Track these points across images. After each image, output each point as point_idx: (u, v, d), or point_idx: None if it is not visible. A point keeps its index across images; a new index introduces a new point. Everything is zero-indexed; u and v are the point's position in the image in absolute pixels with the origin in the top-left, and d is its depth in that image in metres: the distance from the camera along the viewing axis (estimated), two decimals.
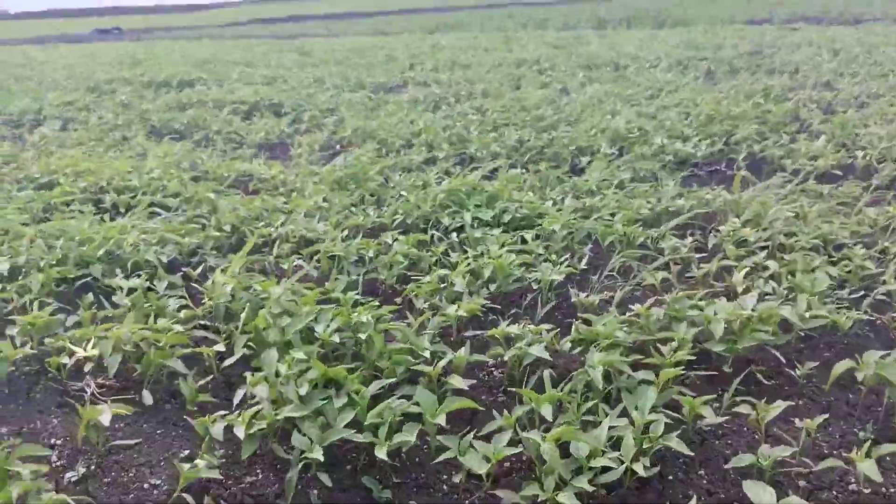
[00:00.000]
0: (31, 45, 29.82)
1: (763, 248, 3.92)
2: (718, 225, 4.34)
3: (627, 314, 3.02)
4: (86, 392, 2.86)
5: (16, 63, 18.40)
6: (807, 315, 2.88)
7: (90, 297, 3.49)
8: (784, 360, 2.87)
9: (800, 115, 7.47)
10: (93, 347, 2.88)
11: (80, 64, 16.92)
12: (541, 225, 4.31)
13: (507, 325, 2.91)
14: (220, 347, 2.94)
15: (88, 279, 3.75)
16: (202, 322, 3.34)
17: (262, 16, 49.36)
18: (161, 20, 55.40)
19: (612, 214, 4.50)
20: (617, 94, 8.97)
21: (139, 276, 3.68)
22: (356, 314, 2.95)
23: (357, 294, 3.45)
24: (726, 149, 6.28)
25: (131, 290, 3.45)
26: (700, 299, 3.08)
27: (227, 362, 2.94)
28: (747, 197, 4.60)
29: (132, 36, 37.01)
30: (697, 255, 3.90)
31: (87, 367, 2.94)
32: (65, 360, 2.89)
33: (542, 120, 7.56)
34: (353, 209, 4.92)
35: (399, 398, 2.47)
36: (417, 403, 2.43)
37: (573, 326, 2.93)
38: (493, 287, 3.57)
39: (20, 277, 3.67)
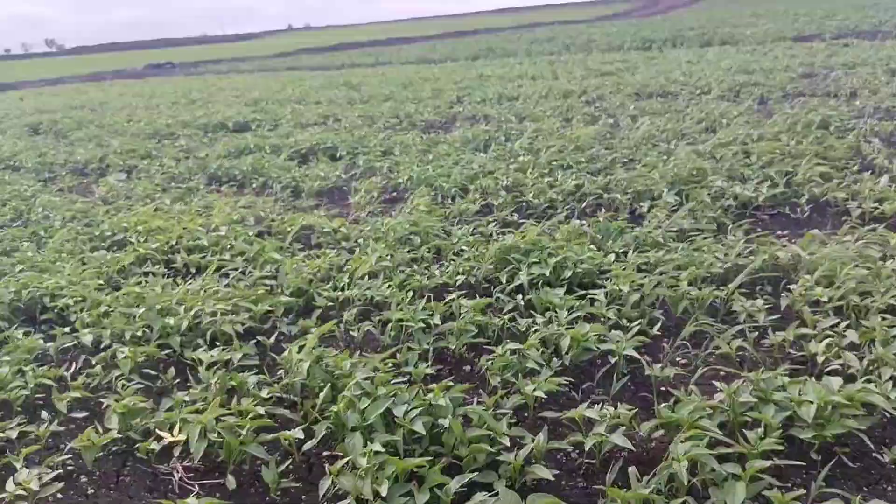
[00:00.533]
0: (88, 82, 30.95)
1: (837, 308, 3.84)
2: (789, 283, 4.26)
3: (710, 396, 2.98)
4: (174, 476, 2.95)
5: (75, 104, 19.12)
6: (893, 397, 2.81)
7: (172, 370, 3.62)
8: (871, 445, 2.80)
9: (861, 150, 7.30)
10: (180, 433, 2.97)
11: (137, 105, 17.49)
12: (605, 283, 4.29)
13: (586, 407, 2.90)
14: (299, 433, 2.98)
15: (170, 350, 3.88)
16: (279, 395, 3.40)
17: (309, 45, 50.36)
18: (210, 51, 56.91)
19: (678, 267, 4.45)
20: (670, 128, 8.89)
21: (217, 345, 3.81)
22: (431, 395, 2.97)
23: (427, 366, 3.49)
24: (788, 191, 6.17)
25: (211, 364, 3.55)
26: (782, 374, 3.03)
27: (307, 446, 3.00)
28: (816, 250, 4.51)
29: (184, 69, 38.13)
30: (771, 318, 3.83)
31: (175, 450, 3.03)
32: (153, 445, 2.99)
33: (595, 160, 7.55)
34: (415, 266, 4.96)
35: (481, 493, 2.49)
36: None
37: (656, 410, 2.91)
38: (565, 357, 3.56)
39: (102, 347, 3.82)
